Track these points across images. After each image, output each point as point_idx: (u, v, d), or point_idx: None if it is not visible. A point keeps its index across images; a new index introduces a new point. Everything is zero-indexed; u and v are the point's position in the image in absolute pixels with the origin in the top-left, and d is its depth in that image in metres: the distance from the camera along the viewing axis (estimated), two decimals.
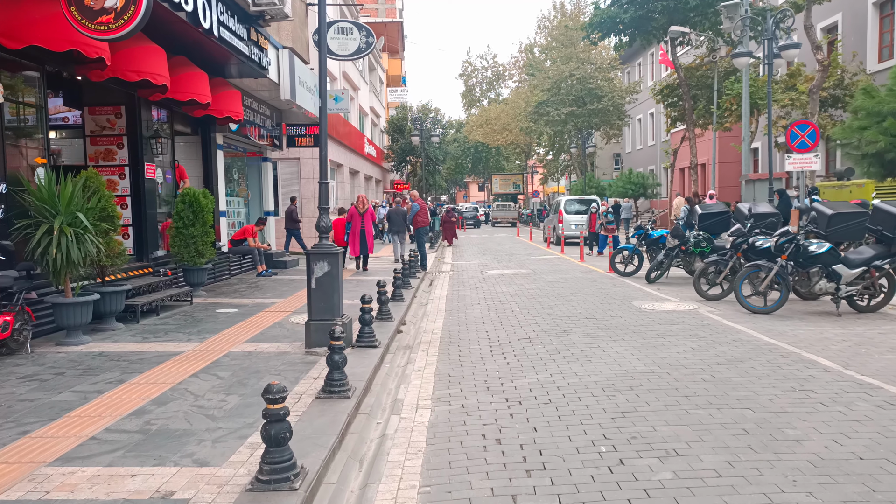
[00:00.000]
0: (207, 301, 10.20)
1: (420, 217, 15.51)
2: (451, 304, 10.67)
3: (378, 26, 44.63)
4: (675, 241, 12.14)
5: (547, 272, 15.22)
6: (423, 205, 15.88)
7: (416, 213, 15.60)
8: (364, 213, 14.51)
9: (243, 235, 13.63)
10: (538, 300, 10.64)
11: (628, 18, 25.06)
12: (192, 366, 6.09)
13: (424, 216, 15.64)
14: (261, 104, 14.93)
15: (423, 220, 15.54)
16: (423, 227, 15.59)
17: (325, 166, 6.87)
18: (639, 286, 12.14)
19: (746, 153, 20.68)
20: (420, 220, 15.49)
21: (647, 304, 9.84)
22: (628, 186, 34.10)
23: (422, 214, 15.53)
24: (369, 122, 36.18)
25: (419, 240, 15.49)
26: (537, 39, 50.02)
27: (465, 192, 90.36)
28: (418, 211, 15.57)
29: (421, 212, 15.56)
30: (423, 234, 15.59)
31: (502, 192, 69.12)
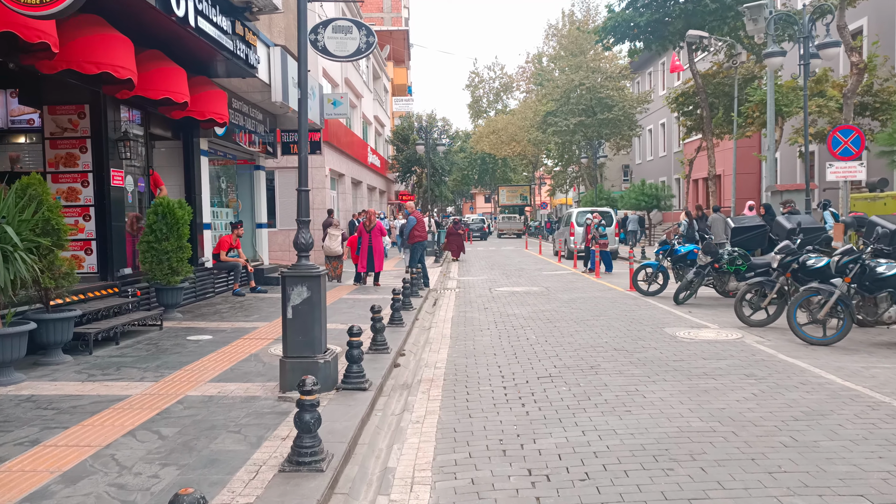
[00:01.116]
0: (181, 325, 8.99)
1: (417, 231, 14.23)
2: (458, 329, 9.43)
3: (383, 34, 43.73)
4: (708, 257, 10.88)
5: (561, 290, 13.97)
6: (420, 217, 14.61)
7: (413, 226, 14.35)
8: (372, 229, 13.89)
9: (220, 249, 12.51)
10: (555, 325, 9.40)
11: (644, 22, 23.92)
12: (134, 417, 4.88)
13: (422, 230, 14.38)
14: (252, 108, 13.81)
15: (419, 234, 14.26)
16: (420, 242, 14.30)
17: (304, 169, 5.68)
18: (667, 308, 10.87)
19: (771, 162, 19.46)
20: (417, 235, 14.20)
21: (681, 332, 8.57)
22: (641, 198, 32.83)
23: (419, 228, 14.24)
24: (373, 131, 35.13)
25: (417, 255, 14.22)
26: (545, 49, 48.99)
27: (471, 203, 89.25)
28: (415, 224, 14.28)
29: (418, 225, 14.28)
30: (421, 248, 14.31)
31: (509, 203, 68.01)
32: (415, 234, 14.20)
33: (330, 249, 16.19)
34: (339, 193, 24.78)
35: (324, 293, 5.71)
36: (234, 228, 13.10)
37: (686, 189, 30.73)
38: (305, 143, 5.73)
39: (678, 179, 40.05)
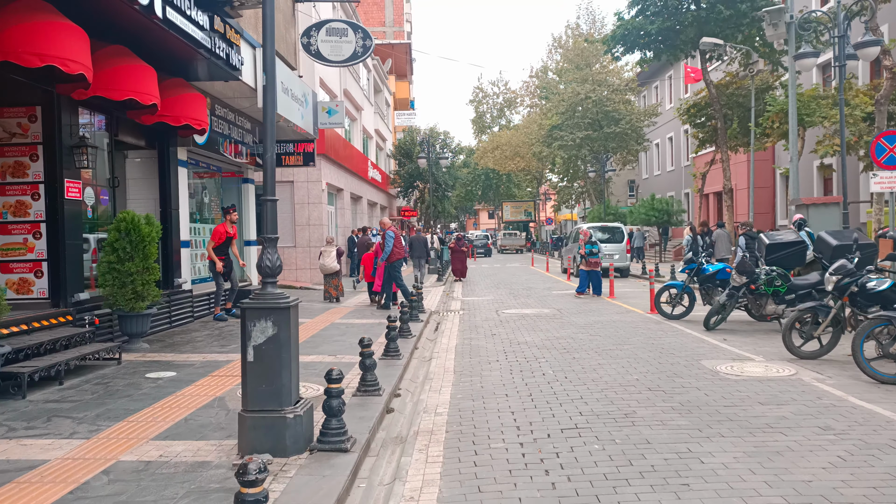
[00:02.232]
0: (144, 358, 7.84)
1: (396, 248, 12.91)
2: (462, 361, 8.25)
3: (385, 48, 42.96)
4: (743, 277, 9.70)
5: (574, 312, 12.79)
6: (398, 234, 13.25)
7: (392, 243, 12.97)
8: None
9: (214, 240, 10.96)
10: (573, 356, 8.21)
11: (655, 30, 22.94)
12: (36, 499, 3.71)
13: (399, 247, 13.07)
14: (239, 115, 12.76)
15: (397, 251, 12.95)
16: (398, 261, 12.97)
17: (270, 173, 4.55)
18: (697, 334, 9.68)
19: (795, 174, 18.30)
20: (394, 252, 12.88)
21: (723, 365, 7.38)
22: (651, 213, 31.70)
23: (396, 245, 12.92)
24: (374, 145, 34.15)
25: (391, 274, 12.94)
26: (549, 63, 48.16)
27: (474, 219, 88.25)
28: (393, 241, 12.96)
29: (395, 242, 12.96)
30: (397, 268, 12.99)
31: (513, 219, 67.00)
32: (393, 251, 12.88)
33: (325, 267, 15.23)
34: (337, 209, 23.71)
35: (295, 329, 4.56)
36: (227, 213, 11.17)
37: (698, 204, 29.57)
38: (272, 139, 4.60)
39: (687, 194, 38.97)
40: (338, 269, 15.54)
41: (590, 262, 15.71)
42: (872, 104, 18.71)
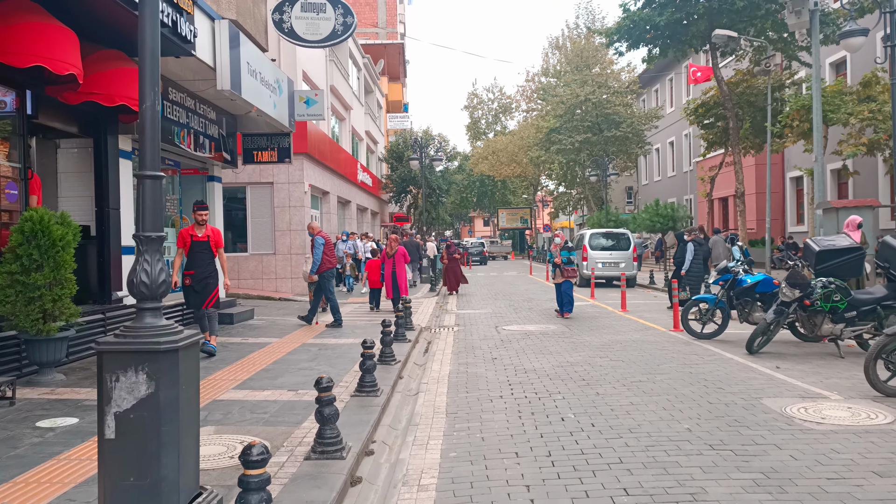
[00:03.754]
0: (50, 395, 6.13)
1: (326, 256, 11.14)
2: (457, 396, 6.58)
3: (377, 48, 41.43)
4: (796, 291, 8.07)
5: (586, 329, 11.14)
6: (328, 239, 11.43)
7: (322, 250, 11.20)
8: (394, 254, 12.98)
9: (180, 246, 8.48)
10: (597, 391, 6.55)
11: (664, 22, 21.38)
12: None
13: (331, 255, 11.33)
14: (201, 103, 11.09)
15: (328, 260, 11.17)
16: (329, 271, 11.28)
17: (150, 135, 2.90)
18: (741, 360, 8.03)
19: (820, 175, 16.73)
20: (324, 261, 11.11)
21: (793, 407, 5.72)
22: (656, 219, 30.10)
23: (327, 253, 11.14)
24: (365, 147, 32.52)
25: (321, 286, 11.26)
26: (547, 66, 46.64)
27: (470, 226, 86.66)
28: (323, 247, 11.18)
29: (327, 246, 11.19)
30: (328, 278, 11.26)
31: (509, 226, 65.46)
32: (324, 259, 11.18)
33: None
34: (322, 213, 22.02)
35: (190, 382, 2.88)
36: (194, 211, 8.54)
37: (707, 209, 28.03)
38: (151, 87, 2.94)
39: (689, 200, 37.48)
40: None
41: (567, 271, 12.87)
42: None
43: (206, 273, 8.27)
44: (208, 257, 8.32)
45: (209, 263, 8.32)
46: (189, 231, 8.36)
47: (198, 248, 8.27)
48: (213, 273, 8.35)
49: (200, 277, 8.24)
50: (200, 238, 8.33)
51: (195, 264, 8.24)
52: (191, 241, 8.29)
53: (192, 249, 8.25)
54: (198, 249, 8.27)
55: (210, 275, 8.30)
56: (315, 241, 11.07)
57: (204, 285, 8.27)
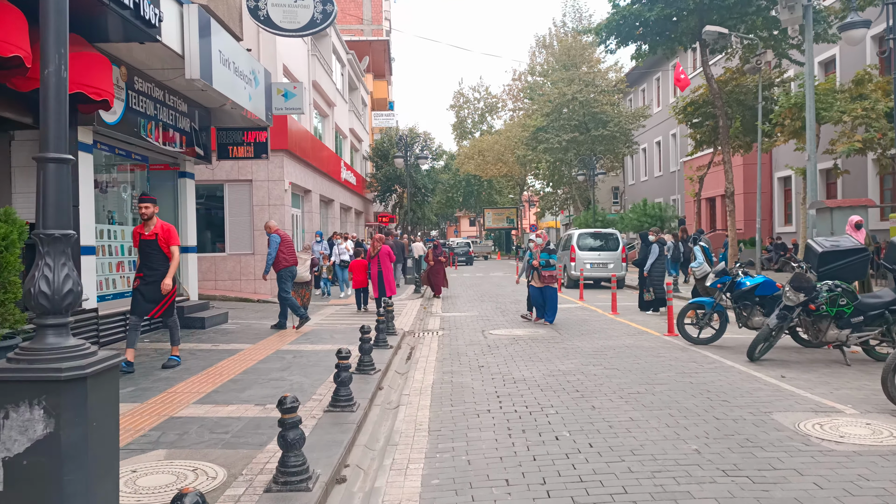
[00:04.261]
0: None
1: (282, 254, 10.59)
2: (440, 411, 6.04)
3: (362, 45, 40.84)
4: (800, 295, 7.62)
5: (577, 334, 10.65)
6: (286, 237, 10.78)
7: (278, 248, 10.58)
8: (378, 253, 12.92)
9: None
10: (592, 404, 6.04)
11: (654, 18, 20.97)
12: None
13: (289, 253, 10.71)
14: (171, 94, 10.46)
15: (286, 257, 10.64)
16: (287, 269, 10.67)
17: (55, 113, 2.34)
18: (742, 368, 7.57)
19: (813, 174, 16.39)
20: (280, 259, 10.56)
21: (807, 423, 5.24)
22: (644, 219, 29.78)
23: (283, 251, 10.59)
24: (349, 145, 31.90)
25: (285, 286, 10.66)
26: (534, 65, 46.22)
27: (455, 226, 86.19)
28: (278, 245, 10.57)
29: (283, 244, 10.62)
30: (287, 278, 10.65)
31: (495, 226, 65.09)
32: (280, 258, 10.62)
33: (297, 276, 13.26)
34: (304, 212, 21.39)
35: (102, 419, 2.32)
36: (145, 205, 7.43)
37: (695, 209, 27.71)
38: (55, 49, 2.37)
39: (675, 200, 37.25)
40: (309, 279, 13.56)
41: (544, 276, 11.75)
42: (889, 100, 16.95)
43: (154, 276, 7.26)
44: (159, 259, 7.30)
45: (160, 266, 7.28)
46: (138, 229, 7.43)
47: (146, 247, 7.29)
48: (165, 277, 7.31)
49: (149, 282, 7.24)
50: (147, 236, 7.28)
51: (144, 266, 7.30)
52: (139, 239, 7.35)
53: (141, 249, 7.33)
54: (147, 249, 7.29)
55: (160, 279, 7.26)
56: (270, 239, 10.51)
57: (152, 291, 7.27)
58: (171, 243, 7.33)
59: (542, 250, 11.85)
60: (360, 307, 14.02)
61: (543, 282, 11.77)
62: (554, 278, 11.73)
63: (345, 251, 15.69)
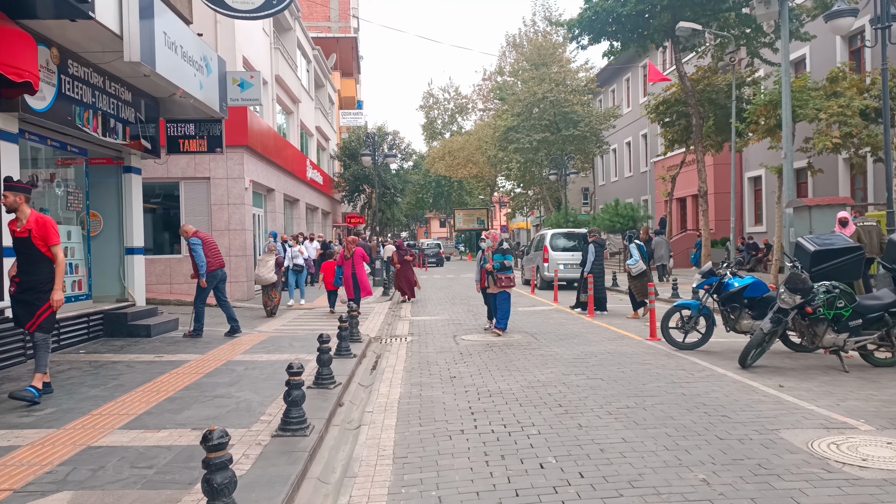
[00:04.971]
0: None
1: (209, 257, 9.86)
2: (408, 431, 5.31)
3: (329, 42, 39.91)
4: (796, 297, 7.07)
5: (554, 338, 10.02)
6: (207, 238, 9.99)
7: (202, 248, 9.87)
8: (352, 255, 12.85)
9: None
10: (578, 421, 5.38)
11: (627, 14, 20.57)
12: None
13: (213, 255, 9.94)
14: (112, 81, 9.55)
15: (210, 261, 9.88)
16: (211, 273, 9.93)
17: None
18: (735, 376, 6.99)
19: (789, 172, 16.08)
20: (210, 263, 9.87)
21: (821, 442, 4.65)
22: (615, 219, 29.42)
23: (208, 254, 9.84)
24: (315, 143, 30.94)
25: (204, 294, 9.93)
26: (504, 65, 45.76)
27: (426, 228, 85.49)
28: (202, 247, 9.77)
29: (205, 247, 9.87)
30: (213, 280, 9.96)
31: (466, 227, 64.57)
32: (209, 262, 9.83)
33: (260, 278, 12.86)
34: (267, 212, 20.46)
35: None
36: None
37: (667, 209, 27.45)
38: None
39: (646, 200, 37.09)
40: (274, 280, 12.99)
41: (500, 279, 10.42)
42: (862, 97, 16.75)
43: (31, 282, 5.88)
44: (35, 259, 5.88)
45: (38, 269, 5.88)
46: (11, 224, 6.01)
47: (19, 246, 5.91)
48: (45, 283, 5.89)
49: (25, 287, 5.91)
50: (20, 233, 5.87)
51: (19, 269, 6.00)
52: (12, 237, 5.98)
53: (16, 249, 5.97)
54: (20, 249, 5.92)
55: (37, 285, 5.87)
56: (190, 243, 9.72)
57: (28, 299, 5.88)
58: (49, 242, 5.89)
59: (495, 251, 10.63)
60: (332, 308, 13.81)
61: (500, 286, 10.47)
62: (511, 280, 10.47)
63: (298, 254, 14.78)
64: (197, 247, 9.72)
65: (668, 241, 22.23)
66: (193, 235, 9.86)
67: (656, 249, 21.11)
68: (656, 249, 21.11)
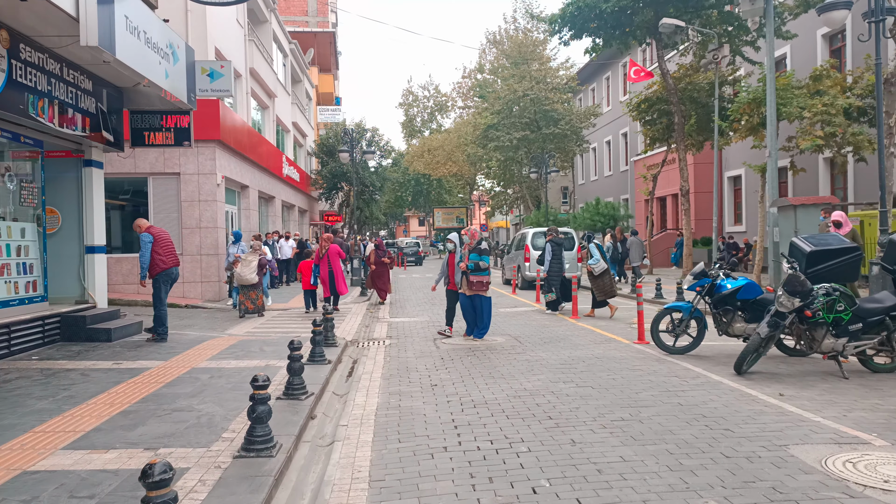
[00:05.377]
0: None
1: (157, 255, 9.19)
2: (386, 449, 4.85)
3: (307, 36, 39.15)
4: (795, 300, 6.74)
5: (538, 341, 9.62)
6: (160, 235, 9.35)
7: (151, 247, 9.18)
8: (326, 253, 13.08)
9: None
10: (571, 437, 4.96)
11: (609, 9, 20.26)
12: None
13: (167, 254, 9.31)
14: (70, 68, 8.93)
15: (163, 259, 9.25)
16: (164, 273, 9.28)
17: None
18: (732, 384, 6.63)
19: (772, 172, 15.90)
20: (156, 262, 9.19)
21: (835, 460, 4.29)
22: (596, 218, 29.21)
23: (158, 251, 9.20)
24: (292, 140, 30.27)
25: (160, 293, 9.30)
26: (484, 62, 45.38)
27: (405, 226, 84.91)
28: (151, 246, 9.16)
29: (158, 245, 9.23)
30: (164, 283, 9.28)
31: (445, 226, 64.14)
32: (156, 260, 9.22)
33: (241, 278, 12.38)
34: (241, 209, 19.83)
35: None
36: None
37: (649, 208, 27.26)
38: None
39: (626, 199, 36.98)
40: (256, 281, 12.55)
41: (472, 282, 9.73)
42: (845, 96, 16.63)
43: None
44: None
45: None
46: None
47: None
48: None
49: None
50: None
51: None
52: None
53: None
54: None
55: None
56: (140, 239, 9.13)
57: None
58: None
59: (472, 250, 9.87)
60: (308, 308, 13.56)
61: (473, 289, 9.75)
62: (485, 285, 9.73)
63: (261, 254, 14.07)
64: (146, 244, 9.10)
65: (641, 241, 22.10)
66: (146, 231, 9.24)
67: (630, 250, 20.97)
68: (630, 250, 20.97)
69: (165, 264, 9.25)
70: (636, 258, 20.95)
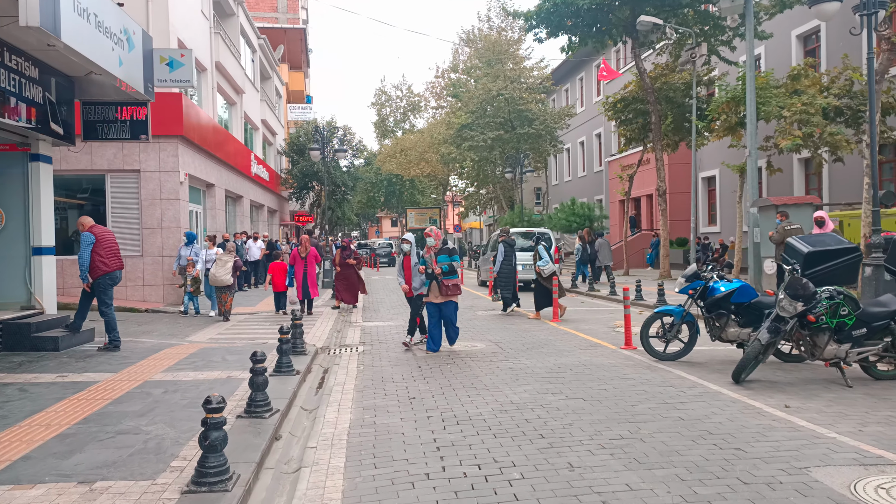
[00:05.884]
0: None
1: (99, 258, 8.44)
2: (358, 476, 4.28)
3: (277, 33, 38.24)
4: (798, 304, 6.33)
5: (521, 347, 9.12)
6: (102, 236, 8.61)
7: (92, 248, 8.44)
8: (307, 256, 13.02)
9: None
10: (567, 458, 4.45)
11: (586, 7, 19.92)
12: None
13: (110, 255, 8.58)
14: (15, 55, 8.16)
15: (105, 261, 8.49)
16: (107, 276, 8.53)
17: None
18: (732, 394, 6.19)
19: (753, 171, 15.66)
20: (96, 264, 8.43)
21: (865, 485, 3.84)
22: (572, 219, 28.91)
23: (100, 252, 8.45)
24: (261, 137, 29.40)
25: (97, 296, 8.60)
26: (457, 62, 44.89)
27: (377, 227, 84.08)
28: (92, 246, 8.42)
29: (100, 246, 8.48)
30: (107, 287, 8.57)
31: (418, 227, 63.52)
32: (97, 262, 8.47)
33: (216, 279, 11.80)
34: (207, 209, 19.01)
35: None
36: None
37: (627, 208, 27.02)
38: None
39: (600, 200, 36.82)
40: (230, 283, 11.98)
41: (447, 285, 8.85)
42: (823, 95, 16.50)
43: None
44: None
45: None
46: None
47: None
48: None
49: None
50: None
51: None
52: None
53: None
54: None
55: None
56: (81, 238, 8.42)
57: None
58: None
59: (440, 252, 8.91)
60: (278, 310, 13.36)
61: (447, 294, 8.84)
62: (458, 288, 8.95)
63: (213, 255, 13.13)
64: (86, 245, 8.34)
65: (609, 242, 21.98)
66: (88, 230, 8.48)
67: (599, 251, 20.73)
68: (599, 251, 20.73)
69: (108, 267, 8.48)
70: (606, 258, 20.79)
